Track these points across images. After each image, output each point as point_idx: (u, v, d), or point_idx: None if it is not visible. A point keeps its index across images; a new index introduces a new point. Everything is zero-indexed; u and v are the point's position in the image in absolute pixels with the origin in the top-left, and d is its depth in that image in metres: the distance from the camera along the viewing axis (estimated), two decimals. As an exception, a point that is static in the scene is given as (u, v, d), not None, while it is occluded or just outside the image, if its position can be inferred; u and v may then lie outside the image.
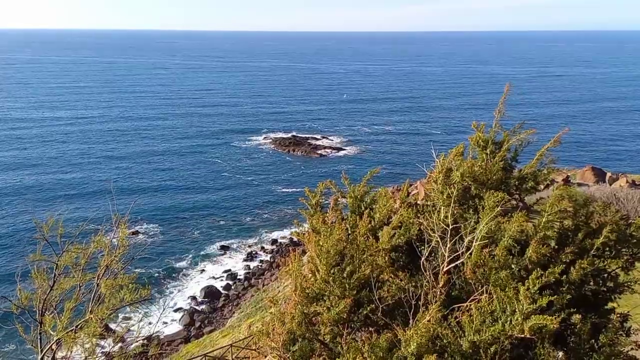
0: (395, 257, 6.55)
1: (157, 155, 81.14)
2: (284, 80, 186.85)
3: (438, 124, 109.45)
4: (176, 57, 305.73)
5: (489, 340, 4.76)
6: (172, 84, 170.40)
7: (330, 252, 5.86)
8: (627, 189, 40.12)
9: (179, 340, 36.35)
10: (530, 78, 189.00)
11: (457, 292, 5.85)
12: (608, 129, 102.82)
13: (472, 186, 6.59)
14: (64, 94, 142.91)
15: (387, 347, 5.09)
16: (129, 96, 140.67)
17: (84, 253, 9.17)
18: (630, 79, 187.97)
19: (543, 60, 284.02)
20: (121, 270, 9.01)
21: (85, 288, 9.10)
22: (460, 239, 5.94)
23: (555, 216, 5.84)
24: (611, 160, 78.66)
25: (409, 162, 76.14)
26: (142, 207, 58.65)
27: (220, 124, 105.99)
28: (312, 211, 7.47)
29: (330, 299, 5.74)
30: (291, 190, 64.83)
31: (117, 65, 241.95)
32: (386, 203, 7.16)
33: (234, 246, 50.97)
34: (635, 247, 6.07)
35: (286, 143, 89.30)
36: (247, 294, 42.29)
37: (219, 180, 70.37)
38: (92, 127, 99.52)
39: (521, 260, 5.56)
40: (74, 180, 67.69)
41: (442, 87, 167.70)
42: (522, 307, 4.71)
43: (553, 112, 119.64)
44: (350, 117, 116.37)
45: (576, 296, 5.57)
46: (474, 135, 7.07)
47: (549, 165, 6.93)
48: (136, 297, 8.85)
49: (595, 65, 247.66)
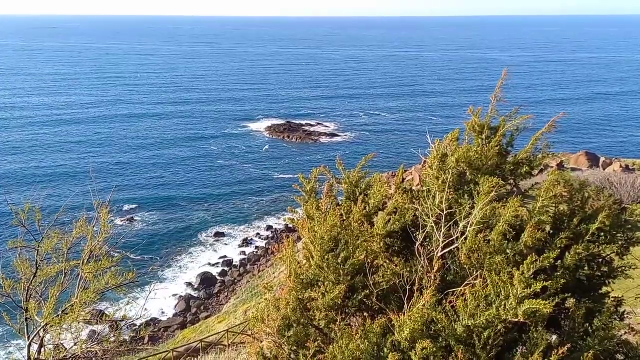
0: (390, 243, 6.54)
1: (151, 143, 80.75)
2: (278, 66, 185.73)
3: (435, 109, 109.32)
4: (168, 43, 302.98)
5: (484, 324, 4.77)
6: (163, 71, 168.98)
7: (325, 238, 5.84)
8: (620, 174, 40.33)
9: (176, 326, 36.50)
10: (525, 63, 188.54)
11: (452, 277, 5.85)
12: (602, 114, 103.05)
13: (468, 171, 6.57)
14: (53, 80, 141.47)
15: (381, 333, 5.09)
16: (120, 83, 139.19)
17: (66, 239, 9.14)
18: (626, 63, 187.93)
19: (540, 45, 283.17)
20: (105, 255, 8.99)
21: (71, 275, 9.09)
22: (455, 224, 5.93)
23: (551, 201, 5.83)
24: (605, 145, 78.92)
25: (405, 147, 76.15)
26: (138, 195, 58.56)
27: (214, 111, 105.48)
28: (307, 197, 7.43)
29: (325, 285, 5.74)
30: (286, 177, 64.78)
31: (106, 52, 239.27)
32: (381, 189, 7.13)
33: (229, 233, 51.02)
34: (629, 232, 6.08)
35: (281, 129, 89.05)
36: (243, 280, 42.44)
37: (214, 167, 70.21)
38: (83, 115, 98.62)
39: (516, 245, 5.56)
40: (60, 166, 67.33)
41: (439, 73, 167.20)
42: (516, 291, 4.71)
43: (548, 97, 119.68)
44: (345, 103, 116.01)
45: (571, 281, 5.58)
46: (470, 120, 7.03)
47: (544, 150, 6.91)
48: (121, 280, 8.85)
49: (592, 49, 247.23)
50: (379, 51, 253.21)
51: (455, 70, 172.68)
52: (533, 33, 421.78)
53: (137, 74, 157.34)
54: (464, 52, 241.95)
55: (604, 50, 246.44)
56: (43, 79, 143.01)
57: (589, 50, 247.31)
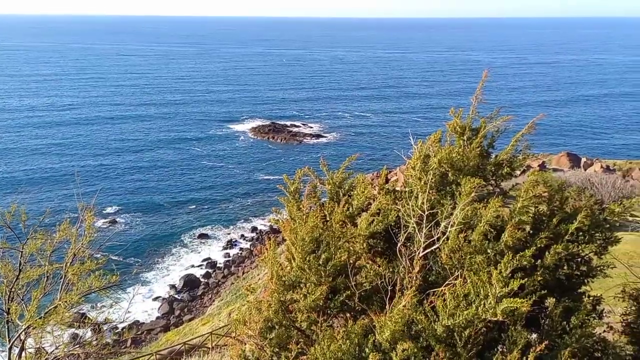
0: (373, 244, 6.55)
1: (135, 145, 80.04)
2: (263, 67, 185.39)
3: (418, 111, 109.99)
4: (152, 43, 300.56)
5: (463, 324, 4.80)
6: (147, 71, 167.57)
7: (306, 240, 5.84)
8: (601, 174, 40.94)
9: (159, 328, 36.22)
10: (509, 64, 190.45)
11: (434, 278, 5.88)
12: (584, 115, 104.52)
13: (450, 172, 6.60)
14: (35, 81, 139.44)
15: (362, 333, 5.10)
16: (102, 84, 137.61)
17: (50, 241, 9.04)
18: (607, 65, 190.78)
19: (525, 47, 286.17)
20: (89, 257, 8.91)
21: (54, 277, 8.99)
22: (436, 224, 5.96)
23: (530, 201, 5.89)
24: (586, 146, 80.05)
25: (389, 148, 76.50)
26: (121, 197, 57.99)
27: (198, 112, 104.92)
28: (290, 198, 7.42)
29: (307, 286, 5.73)
30: (271, 178, 64.68)
31: (88, 52, 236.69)
32: (364, 190, 7.14)
33: (213, 234, 50.78)
34: (608, 231, 6.16)
35: (265, 130, 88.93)
36: (227, 282, 42.26)
37: (198, 168, 69.83)
38: (65, 117, 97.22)
39: (497, 245, 5.61)
40: (43, 168, 66.41)
41: (424, 74, 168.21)
42: (494, 290, 4.76)
43: (531, 99, 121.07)
44: (330, 104, 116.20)
45: (551, 280, 5.64)
46: (452, 121, 7.07)
47: (524, 151, 6.97)
48: (105, 283, 8.77)
49: (574, 51, 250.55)
50: (365, 52, 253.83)
51: (439, 72, 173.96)
52: (517, 35, 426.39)
53: (120, 75, 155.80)
54: (448, 54, 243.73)
55: (586, 52, 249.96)
56: (24, 80, 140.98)
57: (571, 52, 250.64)
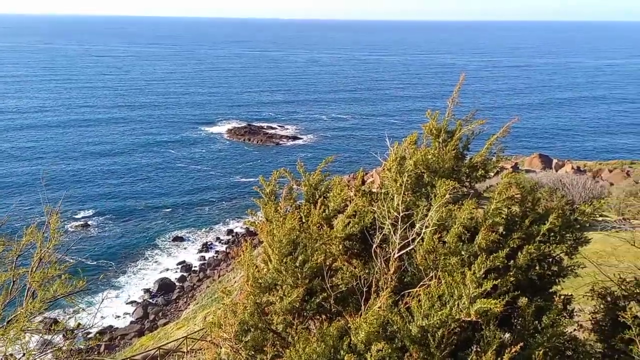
0: (349, 246, 6.56)
1: (107, 148, 78.53)
2: (238, 69, 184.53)
3: (395, 113, 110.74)
4: (125, 44, 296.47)
5: (437, 324, 4.84)
6: (120, 72, 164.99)
7: (283, 242, 5.82)
8: (572, 175, 41.81)
9: (133, 333, 35.66)
10: (483, 68, 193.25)
11: (409, 279, 5.92)
12: (555, 118, 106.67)
13: (425, 174, 6.66)
14: (2, 82, 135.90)
15: (338, 335, 5.10)
16: (73, 86, 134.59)
17: (15, 247, 8.81)
18: (579, 68, 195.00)
19: (499, 50, 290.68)
20: (54, 262, 8.68)
21: (20, 283, 8.75)
22: (411, 226, 6.00)
23: (504, 203, 5.97)
24: (557, 148, 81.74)
25: (365, 150, 76.81)
26: (93, 201, 56.91)
27: (172, 114, 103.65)
28: (266, 200, 7.39)
29: (283, 288, 5.71)
30: (247, 180, 64.35)
31: (60, 52, 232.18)
32: (341, 192, 7.15)
33: (188, 237, 50.25)
34: (579, 232, 6.29)
35: (241, 132, 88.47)
36: (203, 285, 41.86)
37: (172, 171, 69.05)
38: (34, 120, 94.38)
39: (471, 246, 5.67)
40: (9, 174, 64.64)
41: (400, 77, 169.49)
42: (468, 291, 4.81)
43: (505, 102, 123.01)
44: (306, 106, 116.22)
45: (523, 280, 5.73)
46: (428, 123, 7.14)
47: (498, 153, 7.07)
48: (71, 288, 8.56)
49: (548, 55, 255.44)
50: (341, 54, 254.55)
51: (414, 75, 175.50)
52: (492, 37, 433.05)
53: (92, 76, 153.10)
54: (424, 57, 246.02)
55: (559, 55, 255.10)
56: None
57: (545, 55, 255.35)
